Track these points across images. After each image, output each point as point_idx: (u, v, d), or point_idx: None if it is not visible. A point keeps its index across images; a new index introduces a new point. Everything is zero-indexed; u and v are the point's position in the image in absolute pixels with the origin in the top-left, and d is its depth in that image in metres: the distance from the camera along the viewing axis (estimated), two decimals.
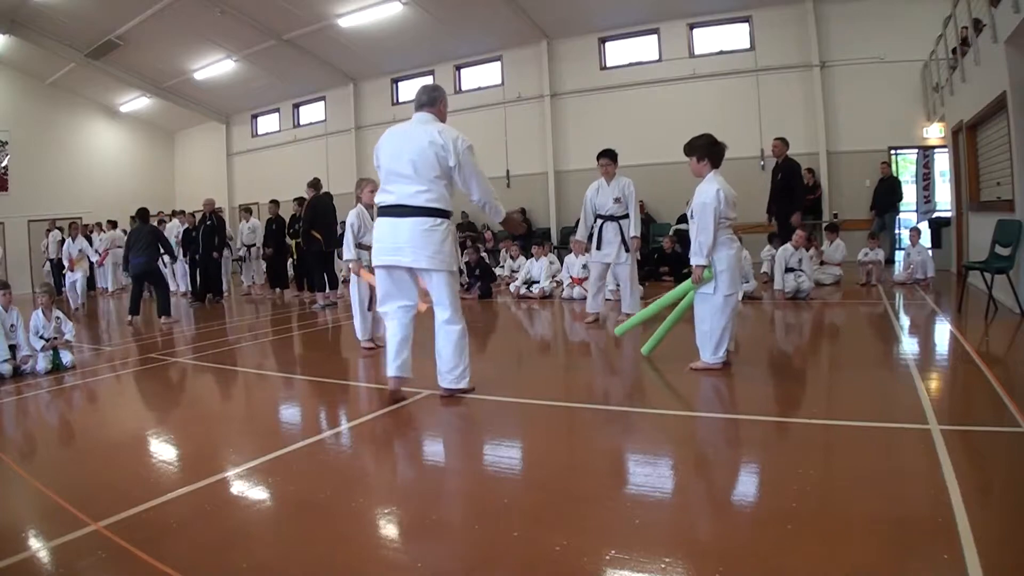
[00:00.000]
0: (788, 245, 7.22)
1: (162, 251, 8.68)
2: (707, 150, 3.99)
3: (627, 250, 5.99)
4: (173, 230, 11.84)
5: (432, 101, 3.50)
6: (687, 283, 4.10)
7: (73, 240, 10.89)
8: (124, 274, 10.15)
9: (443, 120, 3.51)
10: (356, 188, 5.48)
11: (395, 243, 3.33)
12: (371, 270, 4.72)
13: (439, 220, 3.32)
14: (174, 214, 11.98)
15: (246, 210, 12.51)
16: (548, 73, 13.08)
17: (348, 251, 5.31)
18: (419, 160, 3.28)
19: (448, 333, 3.47)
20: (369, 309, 5.21)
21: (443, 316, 3.47)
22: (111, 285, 12.91)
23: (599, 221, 6.07)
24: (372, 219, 4.86)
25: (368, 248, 5.00)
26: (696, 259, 3.91)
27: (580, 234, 6.30)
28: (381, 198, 3.40)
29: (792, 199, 7.50)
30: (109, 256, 12.66)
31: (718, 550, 1.88)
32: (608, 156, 6.04)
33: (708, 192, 3.88)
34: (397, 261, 3.35)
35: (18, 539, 2.17)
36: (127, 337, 7.14)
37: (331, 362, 5.30)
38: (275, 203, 10.91)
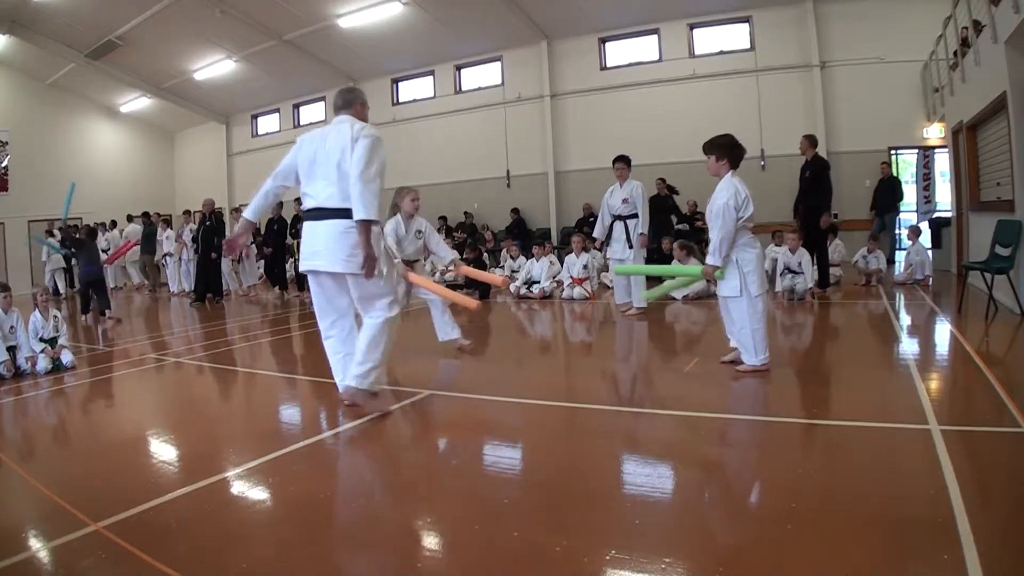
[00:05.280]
0: (786, 247, 7.22)
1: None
2: (728, 150, 3.99)
3: (631, 247, 6.42)
4: (179, 230, 11.90)
5: (347, 103, 3.37)
6: (696, 270, 4.22)
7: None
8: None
9: (365, 121, 3.37)
10: (395, 196, 4.98)
11: (313, 247, 3.21)
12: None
13: (355, 221, 3.11)
14: (186, 214, 11.97)
15: (239, 211, 12.51)
16: (548, 73, 13.07)
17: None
18: (335, 158, 3.13)
19: (367, 326, 3.29)
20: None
21: (366, 311, 3.30)
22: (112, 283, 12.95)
23: (612, 221, 6.61)
24: (406, 230, 4.83)
25: (412, 262, 4.95)
26: (712, 259, 3.91)
27: (596, 232, 6.83)
28: (304, 202, 3.28)
29: (820, 199, 7.30)
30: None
31: (718, 550, 1.89)
32: (622, 161, 6.56)
33: (728, 193, 3.87)
34: (315, 266, 3.23)
35: (18, 539, 2.17)
36: (127, 337, 7.14)
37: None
38: (279, 203, 10.89)
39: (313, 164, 3.21)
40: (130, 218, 14.30)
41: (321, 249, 3.18)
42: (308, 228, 3.26)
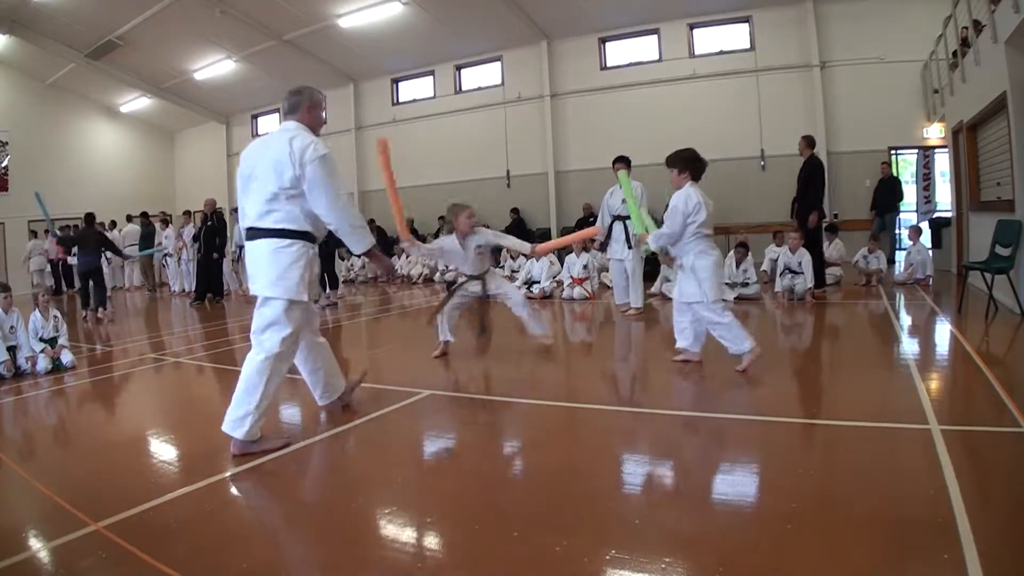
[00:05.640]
0: (786, 247, 7.22)
1: (106, 251, 9.05)
2: (688, 163, 4.18)
3: (631, 247, 6.40)
4: (180, 230, 11.92)
5: (294, 107, 2.99)
6: (645, 226, 4.47)
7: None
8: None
9: (316, 125, 3.03)
10: (448, 214, 4.83)
11: (251, 269, 2.95)
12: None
13: (288, 241, 2.85)
14: (186, 214, 11.97)
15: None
16: (548, 73, 13.07)
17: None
18: (267, 177, 2.83)
19: (246, 364, 2.90)
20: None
21: (253, 343, 2.92)
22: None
23: (612, 221, 6.60)
24: (463, 248, 4.67)
25: (477, 277, 4.79)
26: (653, 241, 4.19)
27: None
28: (240, 219, 3.02)
29: (809, 198, 7.33)
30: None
31: (718, 550, 1.89)
32: (621, 161, 6.44)
33: (681, 198, 4.06)
34: (254, 290, 2.94)
35: (18, 539, 2.17)
36: (127, 337, 7.13)
37: None
38: None
39: (249, 179, 2.93)
40: (129, 218, 14.31)
41: (254, 271, 2.92)
42: (247, 249, 2.98)
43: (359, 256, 2.88)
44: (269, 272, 2.85)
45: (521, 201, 13.19)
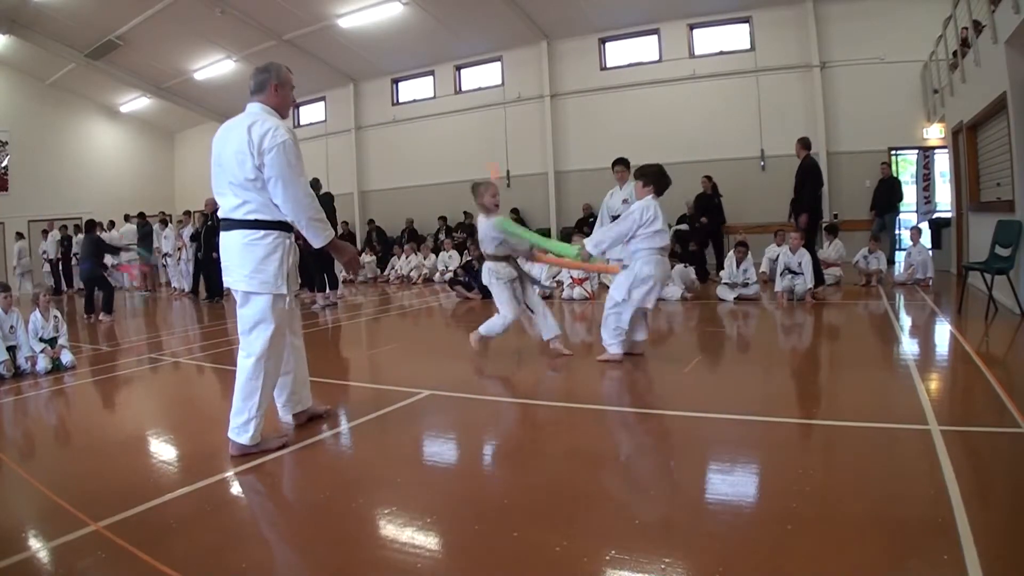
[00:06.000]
0: (787, 247, 7.23)
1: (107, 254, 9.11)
2: (655, 178, 4.38)
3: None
4: (180, 230, 11.92)
5: (259, 86, 2.84)
6: (574, 250, 4.49)
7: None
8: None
9: (284, 106, 2.90)
10: (475, 196, 4.61)
11: (226, 262, 2.86)
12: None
13: (261, 232, 2.76)
14: (187, 214, 11.97)
15: None
16: (548, 73, 13.08)
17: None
18: (233, 165, 2.71)
19: (239, 369, 2.83)
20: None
21: (241, 344, 2.86)
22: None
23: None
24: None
25: (505, 258, 4.63)
26: (591, 247, 4.32)
27: None
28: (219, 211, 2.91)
29: (800, 199, 7.38)
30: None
31: (718, 550, 1.88)
32: (622, 164, 6.57)
33: (640, 207, 4.24)
34: (228, 283, 2.89)
35: (18, 539, 2.17)
36: (126, 337, 7.13)
37: (331, 362, 5.30)
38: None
39: (218, 168, 2.80)
40: (127, 218, 14.32)
41: (229, 264, 2.84)
42: (221, 240, 2.89)
43: (318, 249, 2.86)
44: (244, 266, 2.77)
45: (521, 201, 13.20)
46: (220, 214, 2.87)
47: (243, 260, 2.77)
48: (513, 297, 4.69)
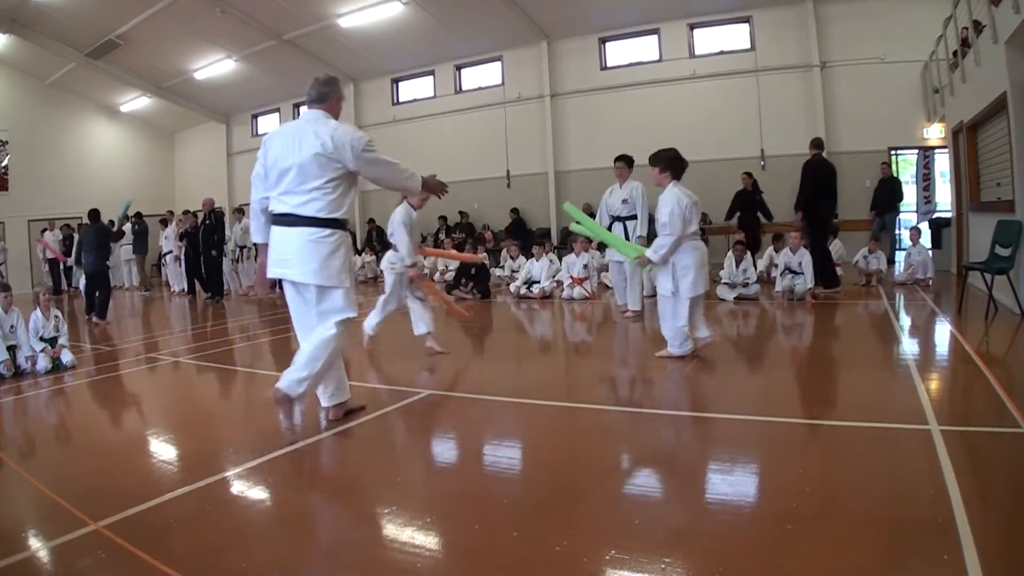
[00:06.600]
0: (787, 248, 7.22)
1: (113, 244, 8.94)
2: (670, 163, 4.32)
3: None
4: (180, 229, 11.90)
5: (322, 97, 3.17)
6: (640, 250, 4.48)
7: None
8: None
9: (337, 116, 3.21)
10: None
11: (283, 254, 3.07)
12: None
13: (328, 231, 3.03)
14: (185, 214, 11.95)
15: (239, 211, 12.54)
16: (548, 73, 13.07)
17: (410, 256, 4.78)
18: (307, 168, 2.97)
19: (316, 333, 3.09)
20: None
21: (322, 322, 3.10)
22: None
23: (611, 222, 6.47)
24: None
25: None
26: (652, 255, 4.25)
27: None
28: (273, 205, 3.11)
29: (799, 198, 7.36)
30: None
31: (718, 550, 1.88)
32: (623, 160, 6.45)
33: (672, 202, 4.16)
34: (285, 274, 3.10)
35: (18, 539, 2.17)
36: (126, 336, 7.13)
37: None
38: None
39: (285, 170, 3.02)
40: (127, 215, 14.29)
41: (291, 257, 3.04)
42: (277, 233, 3.09)
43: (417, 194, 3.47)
44: (310, 261, 3.01)
45: (521, 201, 13.19)
46: (280, 209, 3.07)
47: (309, 256, 3.01)
48: (401, 288, 4.93)
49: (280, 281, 3.25)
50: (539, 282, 8.57)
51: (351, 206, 3.17)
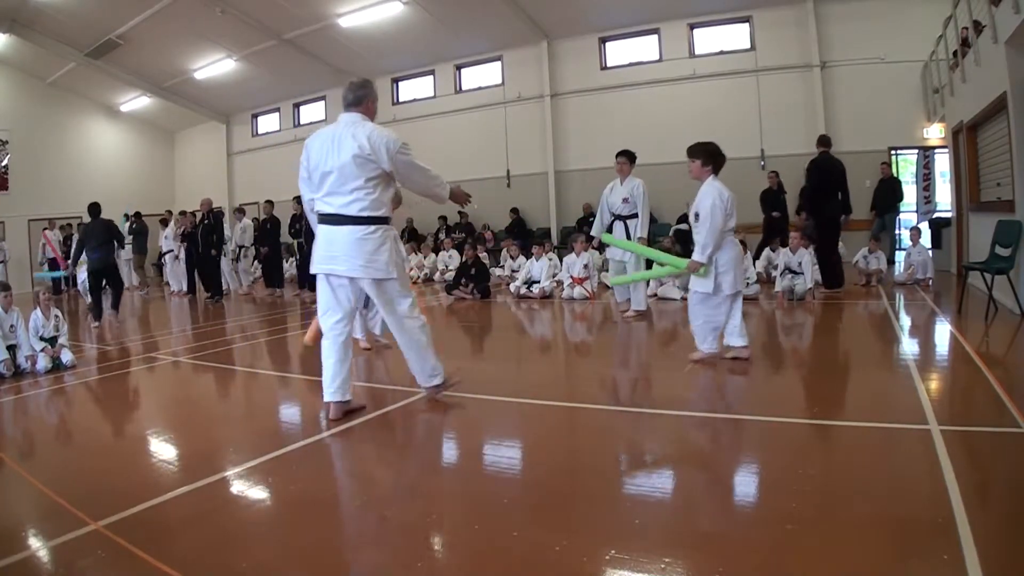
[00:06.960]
0: (787, 247, 7.23)
1: (117, 245, 8.67)
2: (713, 157, 4.17)
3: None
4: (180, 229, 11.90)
5: (358, 100, 3.30)
6: (683, 262, 4.27)
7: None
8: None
9: (372, 118, 3.34)
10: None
11: (330, 252, 3.24)
12: None
13: (373, 227, 3.21)
14: (183, 214, 11.95)
15: (239, 210, 12.55)
16: (548, 73, 13.06)
17: None
18: (347, 170, 3.14)
19: (410, 332, 3.37)
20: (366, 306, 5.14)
21: (395, 317, 3.35)
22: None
23: (612, 220, 6.38)
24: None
25: None
26: (699, 256, 4.07)
27: (595, 231, 6.55)
28: (319, 207, 3.27)
29: (805, 197, 7.39)
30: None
31: (718, 550, 1.88)
32: (625, 155, 6.31)
33: (713, 194, 4.01)
34: (332, 270, 3.25)
35: (18, 538, 2.17)
36: (126, 336, 7.13)
37: None
38: (270, 203, 11.00)
39: (326, 173, 3.19)
40: (126, 217, 14.31)
41: (339, 255, 3.21)
42: (324, 233, 3.26)
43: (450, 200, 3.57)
44: (359, 256, 3.18)
45: (521, 201, 13.19)
46: (326, 210, 3.23)
47: (356, 252, 3.18)
48: None
49: (309, 282, 3.38)
50: (539, 282, 8.57)
51: (395, 201, 3.36)
